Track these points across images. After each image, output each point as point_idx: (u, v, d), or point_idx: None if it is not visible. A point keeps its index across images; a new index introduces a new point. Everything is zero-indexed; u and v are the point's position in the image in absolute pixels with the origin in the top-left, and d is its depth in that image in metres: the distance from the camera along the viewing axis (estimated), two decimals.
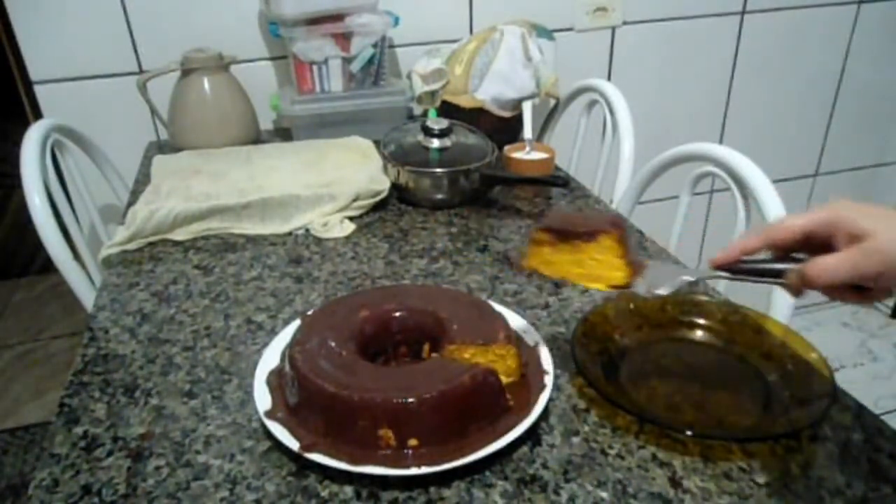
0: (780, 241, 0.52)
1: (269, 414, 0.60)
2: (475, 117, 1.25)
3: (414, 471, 0.54)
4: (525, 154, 1.11)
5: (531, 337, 0.70)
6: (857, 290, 0.50)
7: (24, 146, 1.08)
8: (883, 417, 0.60)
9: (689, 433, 0.58)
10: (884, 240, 0.46)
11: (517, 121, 1.22)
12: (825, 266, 0.48)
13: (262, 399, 0.62)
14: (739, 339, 0.69)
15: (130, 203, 1.04)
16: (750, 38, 1.72)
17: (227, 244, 0.96)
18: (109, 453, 0.59)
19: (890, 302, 2.18)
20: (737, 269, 0.54)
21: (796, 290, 0.51)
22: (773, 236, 0.52)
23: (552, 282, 0.84)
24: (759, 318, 0.70)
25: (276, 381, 0.64)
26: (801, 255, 0.52)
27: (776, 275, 0.52)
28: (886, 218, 0.47)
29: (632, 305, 0.73)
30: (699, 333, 0.71)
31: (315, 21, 1.24)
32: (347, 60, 1.29)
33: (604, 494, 0.54)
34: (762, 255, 0.54)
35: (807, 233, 0.50)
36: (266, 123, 1.43)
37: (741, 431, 0.59)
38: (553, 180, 1.04)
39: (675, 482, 0.54)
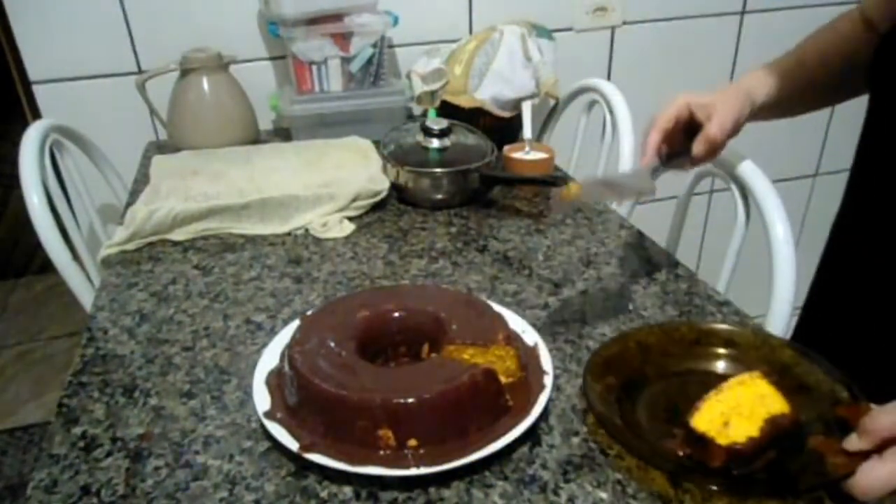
0: (668, 127, 0.73)
1: (269, 414, 0.60)
2: (475, 117, 1.25)
3: (414, 471, 0.54)
4: (525, 154, 1.11)
5: (531, 337, 0.70)
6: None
7: (22, 146, 1.08)
8: None
9: (714, 488, 0.54)
10: (728, 104, 0.73)
11: (517, 121, 1.22)
12: (712, 128, 0.73)
13: (262, 399, 0.62)
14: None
15: (129, 203, 1.04)
16: (750, 38, 1.72)
17: (226, 244, 0.96)
18: (108, 454, 0.59)
19: None
20: (663, 161, 0.74)
21: (706, 154, 0.75)
22: (664, 128, 0.73)
23: (552, 281, 0.84)
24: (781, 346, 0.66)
25: (276, 381, 0.64)
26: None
27: (686, 153, 0.74)
28: (713, 92, 0.75)
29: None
30: (721, 364, 0.67)
31: (315, 21, 1.24)
32: (347, 60, 1.29)
33: (604, 494, 0.54)
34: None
35: (676, 119, 0.74)
36: (266, 123, 1.43)
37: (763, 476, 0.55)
38: (553, 180, 1.04)
39: (675, 482, 0.54)
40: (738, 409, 0.56)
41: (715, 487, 0.53)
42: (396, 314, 0.69)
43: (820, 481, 0.52)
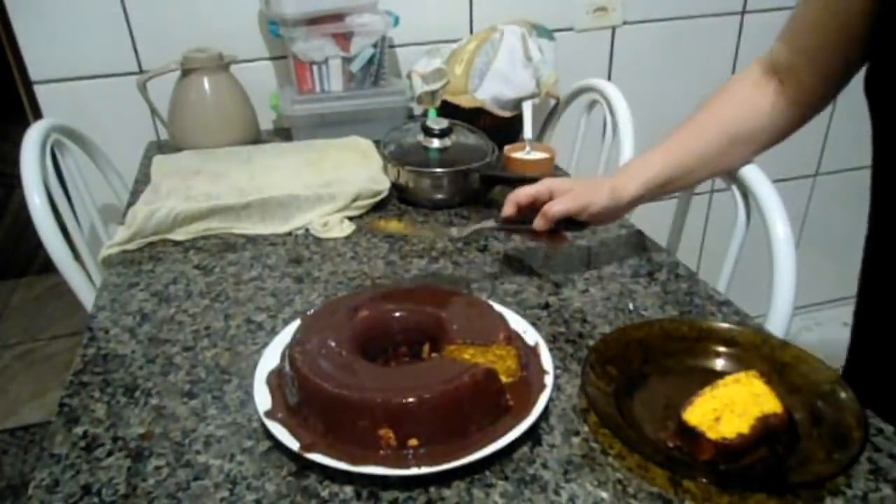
0: (523, 201, 0.81)
1: (269, 414, 0.60)
2: (475, 117, 1.25)
3: (414, 471, 0.54)
4: (525, 154, 1.11)
5: (531, 337, 0.70)
6: (573, 224, 0.81)
7: (23, 146, 1.08)
8: None
9: (703, 480, 0.54)
10: (580, 191, 0.80)
11: (517, 121, 1.22)
12: (553, 205, 0.79)
13: (262, 399, 0.62)
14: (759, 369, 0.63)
15: (130, 203, 1.04)
16: (750, 38, 1.72)
17: (227, 244, 0.96)
18: (109, 453, 0.59)
19: None
20: (506, 227, 0.85)
21: (542, 225, 0.80)
22: (516, 200, 0.81)
23: (552, 281, 0.84)
24: (780, 346, 0.67)
25: (276, 381, 0.64)
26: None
27: (526, 223, 0.81)
28: (581, 181, 0.83)
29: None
30: (721, 363, 0.67)
31: (315, 21, 1.24)
32: (347, 60, 1.29)
33: (604, 494, 0.54)
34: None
35: (535, 196, 0.81)
36: (266, 123, 1.43)
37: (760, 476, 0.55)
38: None
39: (675, 482, 0.54)
40: (731, 406, 0.57)
41: (704, 480, 0.53)
42: (397, 314, 0.69)
43: (808, 479, 0.53)
